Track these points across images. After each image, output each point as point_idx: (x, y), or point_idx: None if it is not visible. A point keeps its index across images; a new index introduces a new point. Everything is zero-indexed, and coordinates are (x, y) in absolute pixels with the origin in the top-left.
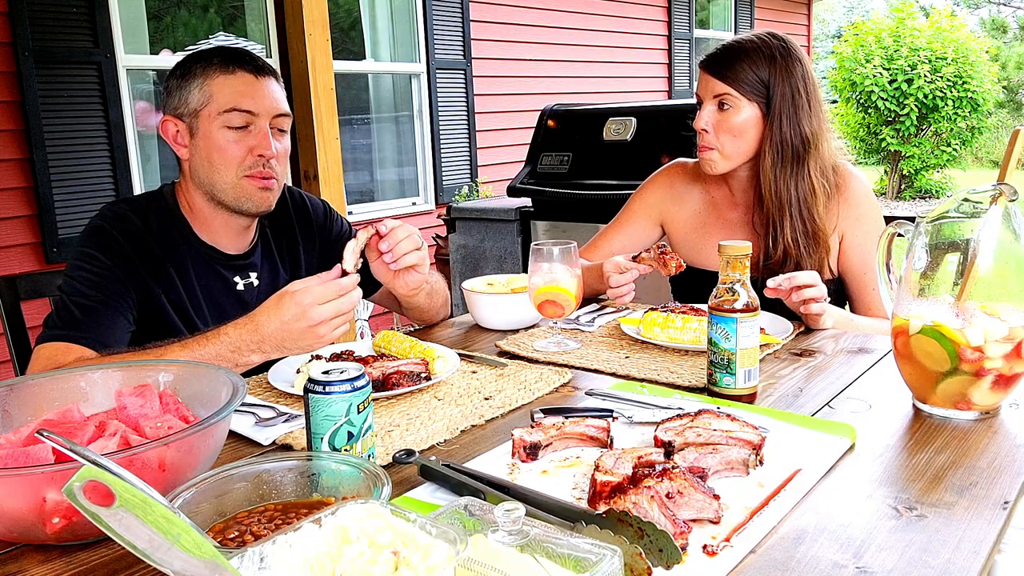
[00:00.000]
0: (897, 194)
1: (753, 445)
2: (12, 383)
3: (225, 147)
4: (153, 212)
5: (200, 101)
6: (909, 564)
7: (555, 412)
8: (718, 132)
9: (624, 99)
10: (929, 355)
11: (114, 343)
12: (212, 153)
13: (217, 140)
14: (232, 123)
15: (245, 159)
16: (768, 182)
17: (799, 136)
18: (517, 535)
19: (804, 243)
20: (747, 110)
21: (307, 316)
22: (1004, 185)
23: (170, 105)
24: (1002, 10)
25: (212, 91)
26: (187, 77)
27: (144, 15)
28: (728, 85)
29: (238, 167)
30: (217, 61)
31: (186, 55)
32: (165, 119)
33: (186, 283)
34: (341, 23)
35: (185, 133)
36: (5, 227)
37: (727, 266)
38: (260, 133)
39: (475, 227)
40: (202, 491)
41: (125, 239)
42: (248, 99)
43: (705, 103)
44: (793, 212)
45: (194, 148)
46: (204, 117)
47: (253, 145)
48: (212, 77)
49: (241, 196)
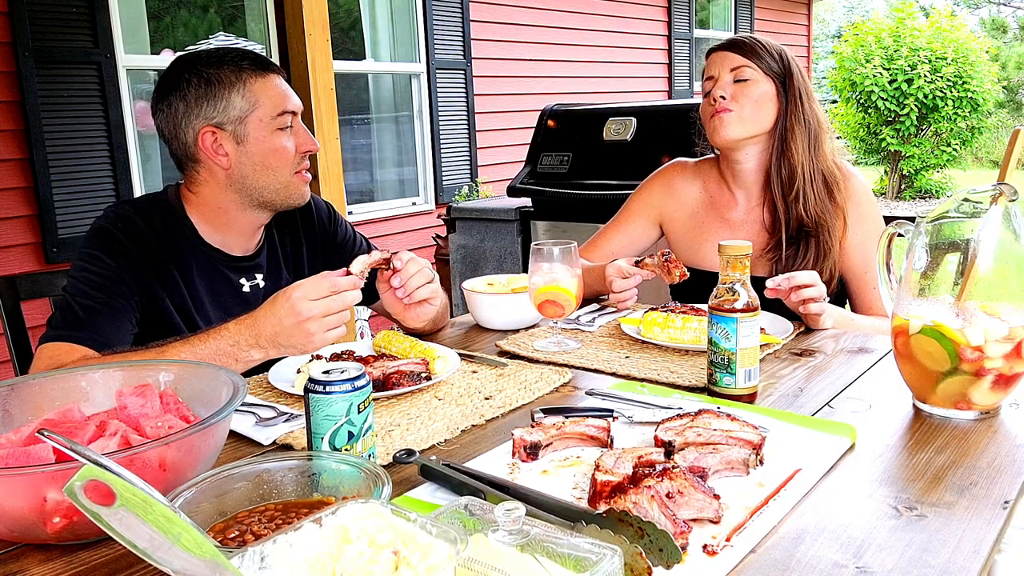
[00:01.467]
0: (897, 194)
1: (753, 445)
2: (13, 383)
3: (283, 148)
4: (157, 214)
5: (247, 108)
6: (909, 564)
7: (555, 412)
8: (737, 98)
9: (624, 99)
10: (929, 355)
11: (117, 344)
12: (268, 157)
13: (274, 143)
14: (283, 125)
15: (294, 158)
16: (800, 152)
17: (815, 118)
18: (517, 535)
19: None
20: (764, 85)
21: (296, 311)
22: (1004, 185)
23: (198, 117)
24: (1002, 10)
25: (258, 96)
26: (218, 85)
27: (144, 15)
28: (746, 58)
29: (291, 166)
30: (248, 65)
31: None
32: (204, 131)
33: (189, 285)
34: (341, 23)
35: (229, 141)
36: (5, 227)
37: (727, 266)
38: (301, 131)
39: (475, 227)
40: (203, 491)
41: (129, 240)
42: (289, 100)
43: (721, 76)
44: (818, 185)
45: (242, 154)
46: (254, 123)
47: (299, 143)
48: (252, 83)
49: (292, 194)
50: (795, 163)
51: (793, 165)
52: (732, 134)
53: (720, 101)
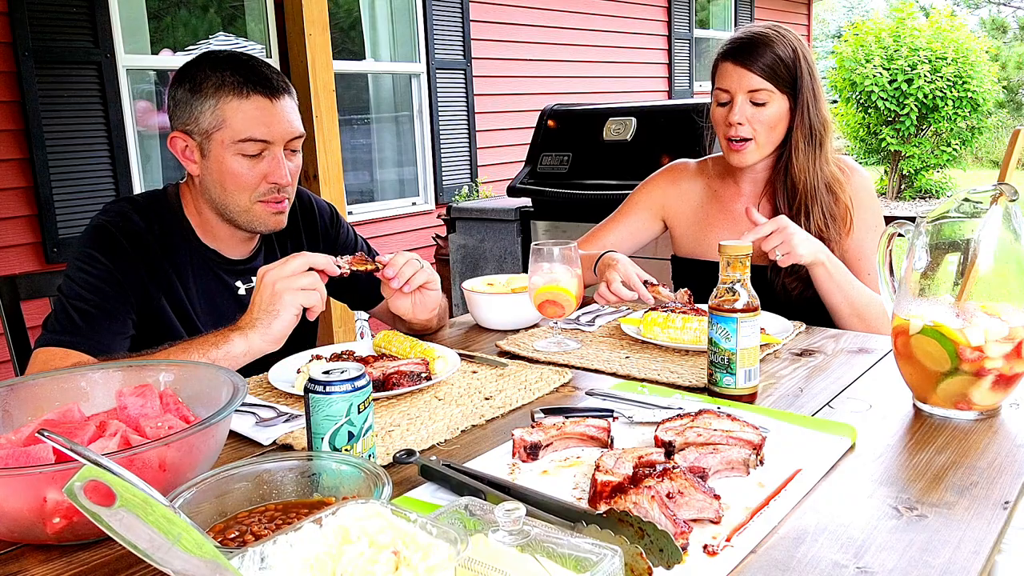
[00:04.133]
0: (897, 194)
1: (753, 445)
2: (12, 383)
3: (239, 174)
4: (155, 213)
5: (212, 124)
6: (910, 564)
7: (555, 412)
8: (754, 123)
9: (624, 99)
10: (929, 355)
11: (113, 348)
12: (225, 178)
13: (231, 167)
14: (246, 151)
15: (259, 186)
16: (803, 168)
17: (820, 121)
18: (518, 535)
19: (831, 225)
20: (779, 102)
21: (264, 281)
22: (1004, 185)
23: (179, 119)
24: (1002, 10)
25: (226, 116)
26: (198, 93)
27: (144, 15)
28: (765, 80)
29: (251, 193)
30: (231, 81)
31: (195, 59)
32: (174, 135)
33: (186, 286)
34: (341, 23)
35: (195, 151)
36: (5, 227)
37: (727, 266)
38: (274, 160)
39: (475, 227)
40: (203, 491)
41: (126, 239)
42: (263, 127)
43: (737, 97)
44: (821, 197)
45: (205, 168)
46: (216, 142)
47: (267, 172)
48: (226, 100)
49: (254, 220)
50: (797, 177)
51: (795, 178)
52: (749, 161)
53: (739, 129)
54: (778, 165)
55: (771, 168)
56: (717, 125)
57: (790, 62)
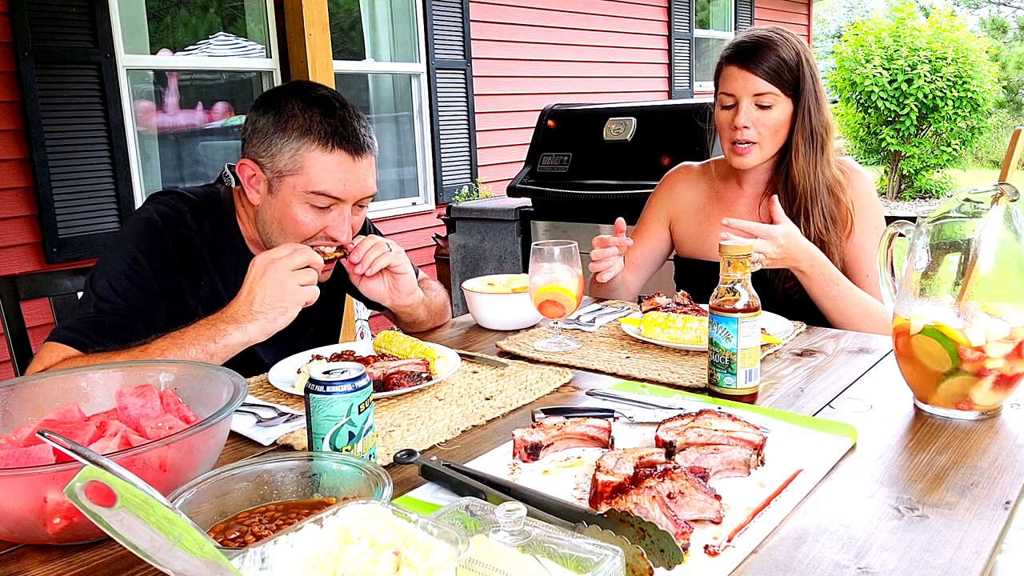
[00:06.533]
0: (897, 194)
1: (754, 445)
2: (12, 383)
3: (301, 223)
4: (208, 214)
5: (288, 168)
6: (911, 564)
7: (556, 412)
8: (759, 126)
9: (624, 99)
10: (930, 355)
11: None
12: (285, 221)
13: (295, 213)
14: (315, 203)
15: (316, 235)
16: (803, 172)
17: (822, 124)
18: (519, 535)
19: (832, 228)
20: (784, 105)
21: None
22: (1005, 185)
23: (254, 147)
24: (1002, 10)
25: (304, 164)
26: (282, 131)
27: (144, 15)
28: (770, 83)
29: (307, 240)
30: (318, 129)
31: (286, 88)
32: (244, 162)
33: (229, 291)
34: (341, 23)
35: (263, 183)
36: (5, 227)
37: (728, 266)
38: (340, 217)
39: (475, 227)
40: (203, 491)
41: (174, 242)
42: (340, 184)
43: (742, 100)
44: (821, 199)
45: (268, 203)
46: (288, 185)
47: (329, 226)
48: (309, 148)
49: None
50: (797, 180)
51: (795, 180)
52: (752, 163)
53: (744, 132)
54: (779, 167)
55: (772, 170)
56: (721, 128)
57: (794, 65)
